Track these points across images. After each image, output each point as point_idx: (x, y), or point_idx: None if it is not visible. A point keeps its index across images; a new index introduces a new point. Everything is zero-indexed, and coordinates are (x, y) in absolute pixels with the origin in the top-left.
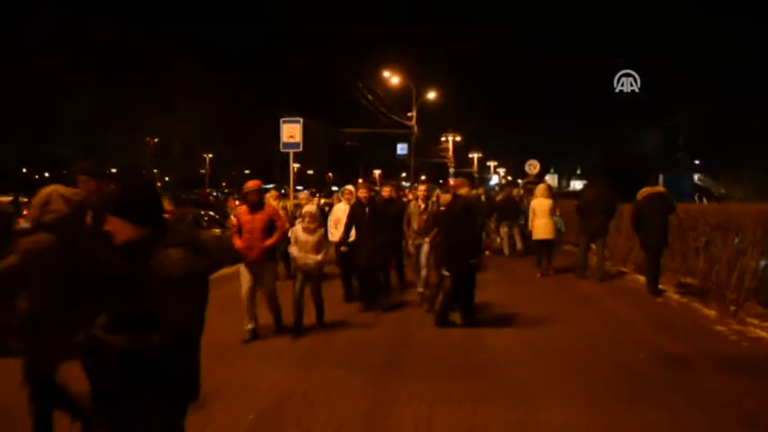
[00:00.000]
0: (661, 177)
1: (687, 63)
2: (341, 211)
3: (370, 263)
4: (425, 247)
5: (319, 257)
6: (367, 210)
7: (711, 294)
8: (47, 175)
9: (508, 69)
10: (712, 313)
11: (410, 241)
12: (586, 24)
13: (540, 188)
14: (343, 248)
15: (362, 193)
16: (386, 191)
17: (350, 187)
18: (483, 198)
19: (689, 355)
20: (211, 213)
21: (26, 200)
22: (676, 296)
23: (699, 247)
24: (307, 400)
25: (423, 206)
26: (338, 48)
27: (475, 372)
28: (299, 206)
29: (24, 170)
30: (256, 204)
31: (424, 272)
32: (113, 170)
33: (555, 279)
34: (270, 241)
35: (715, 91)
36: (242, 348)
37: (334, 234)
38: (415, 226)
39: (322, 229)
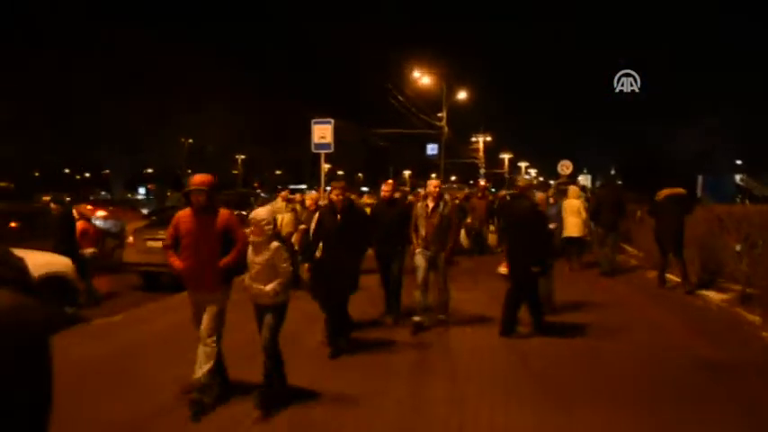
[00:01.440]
0: (700, 178)
1: (726, 62)
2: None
3: (338, 288)
4: (441, 261)
5: (268, 288)
6: (339, 217)
7: (755, 299)
8: (87, 175)
9: (539, 68)
10: (756, 319)
11: (417, 250)
12: (616, 22)
13: (572, 190)
14: (306, 267)
15: (334, 194)
16: (385, 189)
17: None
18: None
19: (732, 362)
20: (243, 213)
21: (68, 199)
22: (717, 301)
23: (742, 250)
24: (338, 401)
25: (431, 206)
26: (368, 48)
27: (506, 374)
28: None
29: (67, 171)
30: (204, 208)
31: (445, 295)
32: (150, 170)
33: (586, 279)
34: (225, 261)
35: (752, 88)
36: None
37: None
38: (423, 232)
39: (276, 245)
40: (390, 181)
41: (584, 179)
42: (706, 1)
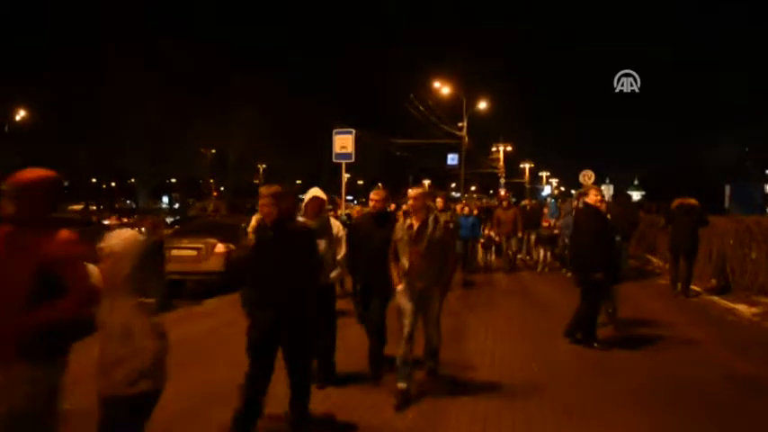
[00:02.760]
0: (728, 188)
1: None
2: None
3: (294, 344)
4: (434, 302)
5: (119, 373)
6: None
7: None
8: (113, 184)
9: (561, 78)
10: None
11: (399, 287)
12: (640, 25)
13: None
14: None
15: (265, 205)
16: (373, 199)
17: (316, 192)
18: (528, 209)
19: (763, 377)
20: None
21: (95, 207)
22: (748, 315)
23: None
24: (359, 411)
25: (415, 225)
26: (389, 58)
27: (526, 386)
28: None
29: (94, 180)
30: (14, 224)
31: (434, 341)
32: (173, 180)
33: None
34: (40, 318)
35: None
36: None
37: None
38: (404, 264)
39: (135, 303)
40: (381, 191)
41: (605, 189)
42: (745, 7)
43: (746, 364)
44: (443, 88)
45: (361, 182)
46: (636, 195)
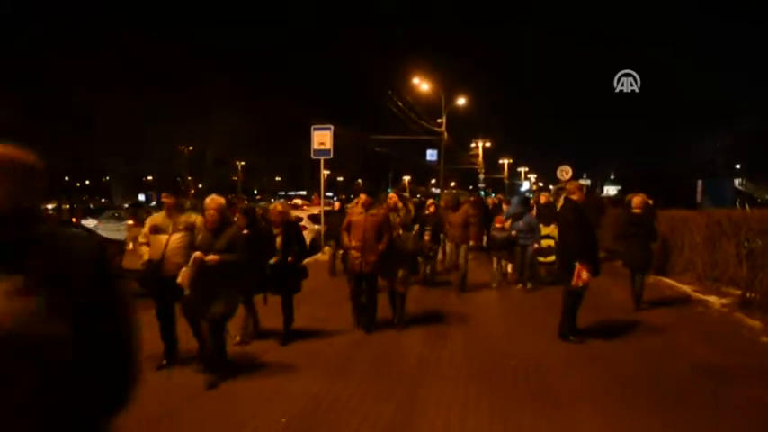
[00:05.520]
0: (700, 183)
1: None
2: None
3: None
4: None
5: None
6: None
7: (755, 304)
8: (87, 182)
9: (539, 73)
10: (757, 324)
11: None
12: (618, 22)
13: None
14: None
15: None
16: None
17: None
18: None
19: (732, 367)
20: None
21: (68, 206)
22: (717, 305)
23: (741, 254)
24: (338, 406)
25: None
26: (368, 55)
27: (505, 379)
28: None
29: (67, 178)
30: None
31: None
32: (149, 178)
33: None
34: None
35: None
36: (274, 354)
37: None
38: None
39: None
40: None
41: (582, 183)
42: (713, 6)
43: (715, 353)
44: (423, 84)
45: (341, 178)
46: (612, 190)
